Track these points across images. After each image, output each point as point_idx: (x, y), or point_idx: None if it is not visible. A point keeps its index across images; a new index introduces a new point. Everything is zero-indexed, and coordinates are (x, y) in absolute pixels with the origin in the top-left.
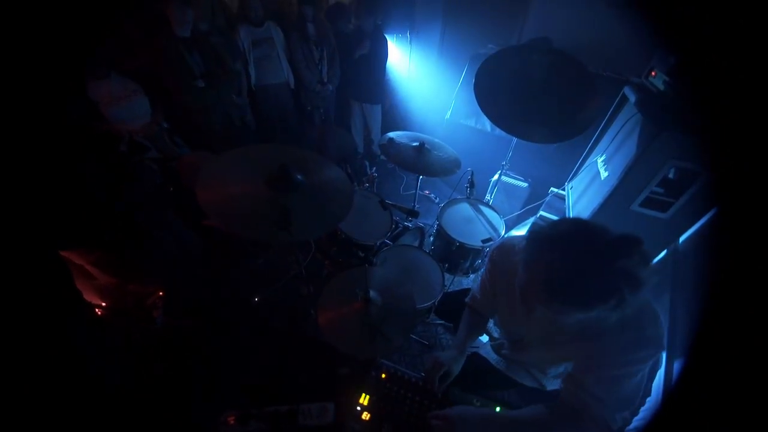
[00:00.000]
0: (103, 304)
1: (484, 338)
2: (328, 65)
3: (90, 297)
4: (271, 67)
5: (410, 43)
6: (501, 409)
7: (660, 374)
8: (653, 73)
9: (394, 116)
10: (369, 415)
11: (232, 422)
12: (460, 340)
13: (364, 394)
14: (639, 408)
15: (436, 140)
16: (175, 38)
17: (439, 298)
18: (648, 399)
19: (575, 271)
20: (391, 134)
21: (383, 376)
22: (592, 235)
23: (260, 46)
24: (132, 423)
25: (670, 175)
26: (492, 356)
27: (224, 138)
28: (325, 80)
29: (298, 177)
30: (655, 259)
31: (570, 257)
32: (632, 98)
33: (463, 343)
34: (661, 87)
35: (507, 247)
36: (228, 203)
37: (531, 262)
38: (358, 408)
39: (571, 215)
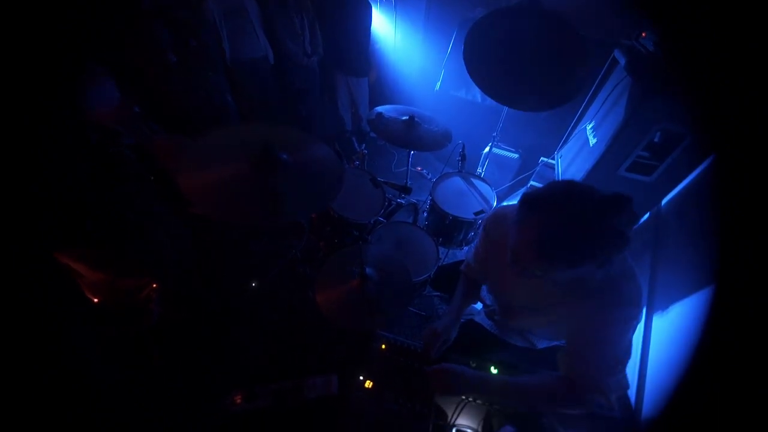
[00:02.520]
0: (95, 300)
1: (479, 306)
2: (310, 34)
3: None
4: (246, 41)
5: (395, 8)
6: (497, 370)
7: (640, 328)
8: (644, 34)
9: (381, 89)
10: (371, 383)
11: (239, 401)
12: (455, 306)
13: (365, 365)
14: (626, 364)
15: (426, 113)
16: (139, 10)
17: (434, 271)
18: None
19: (566, 228)
20: (380, 108)
21: (383, 346)
22: (583, 195)
23: (232, 17)
24: (141, 411)
25: (656, 139)
26: (486, 322)
27: (203, 120)
28: (309, 52)
29: (284, 157)
30: (639, 222)
31: (561, 216)
32: (622, 61)
33: (458, 309)
34: (651, 48)
35: (500, 216)
36: (211, 189)
37: (523, 223)
38: (361, 377)
39: None
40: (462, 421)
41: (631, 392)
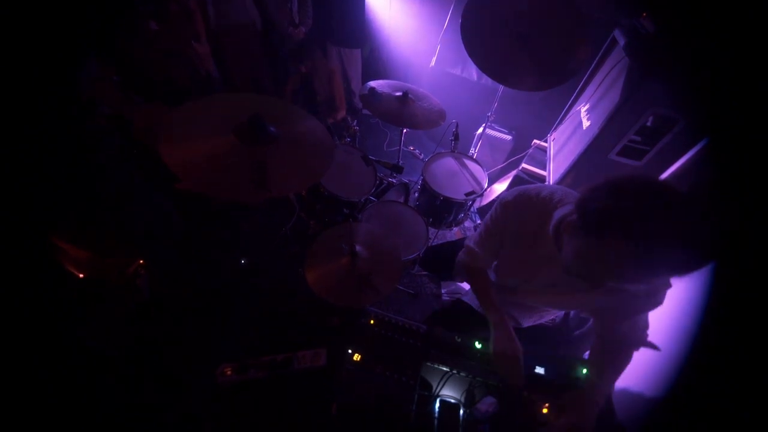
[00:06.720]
0: (81, 276)
1: (467, 287)
2: (298, 2)
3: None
4: (231, 4)
5: None
6: (481, 345)
7: None
8: (644, 15)
9: (374, 63)
10: (360, 357)
11: (229, 373)
12: (492, 309)
13: (354, 339)
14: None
15: (421, 90)
16: None
17: (423, 250)
18: None
19: (676, 242)
20: (373, 83)
21: (372, 321)
22: (670, 196)
23: None
24: (132, 384)
25: (648, 123)
26: (474, 302)
27: (188, 90)
28: (297, 21)
29: (273, 130)
30: None
31: (663, 229)
32: (621, 42)
33: (497, 309)
34: (652, 29)
35: (524, 198)
36: (198, 163)
37: (606, 248)
38: (350, 351)
39: (551, 167)
40: (446, 392)
41: None
